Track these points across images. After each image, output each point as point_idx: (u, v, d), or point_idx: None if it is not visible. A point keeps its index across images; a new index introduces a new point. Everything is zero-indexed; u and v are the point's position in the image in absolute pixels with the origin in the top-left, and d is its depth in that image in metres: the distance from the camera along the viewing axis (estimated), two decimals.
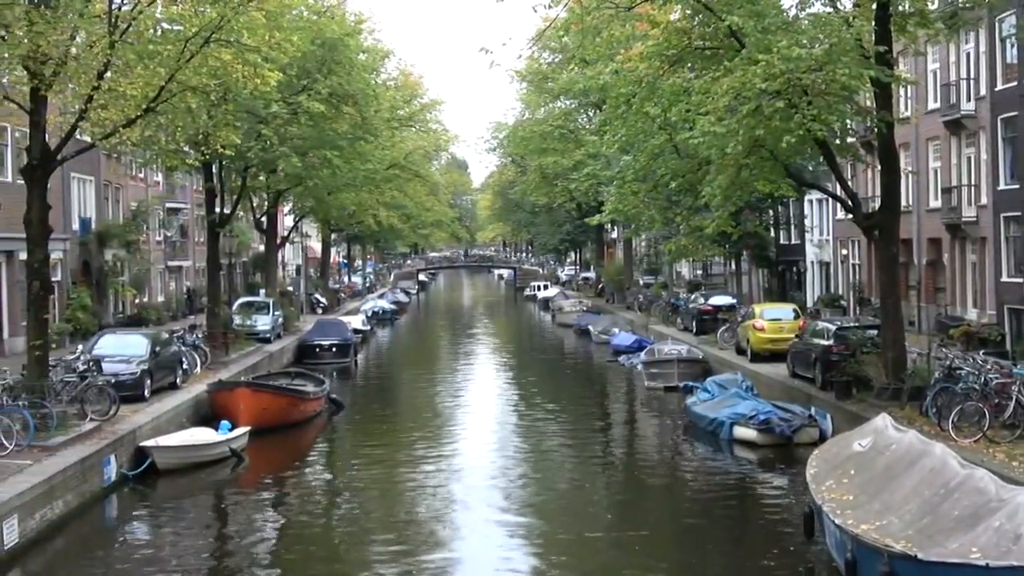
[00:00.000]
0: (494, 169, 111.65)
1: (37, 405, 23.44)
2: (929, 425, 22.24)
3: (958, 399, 22.49)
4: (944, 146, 41.43)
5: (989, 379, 23.22)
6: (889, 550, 14.32)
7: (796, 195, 41.48)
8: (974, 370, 24.04)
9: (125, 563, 20.13)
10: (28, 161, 25.07)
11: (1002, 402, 22.29)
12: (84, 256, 46.67)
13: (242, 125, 32.68)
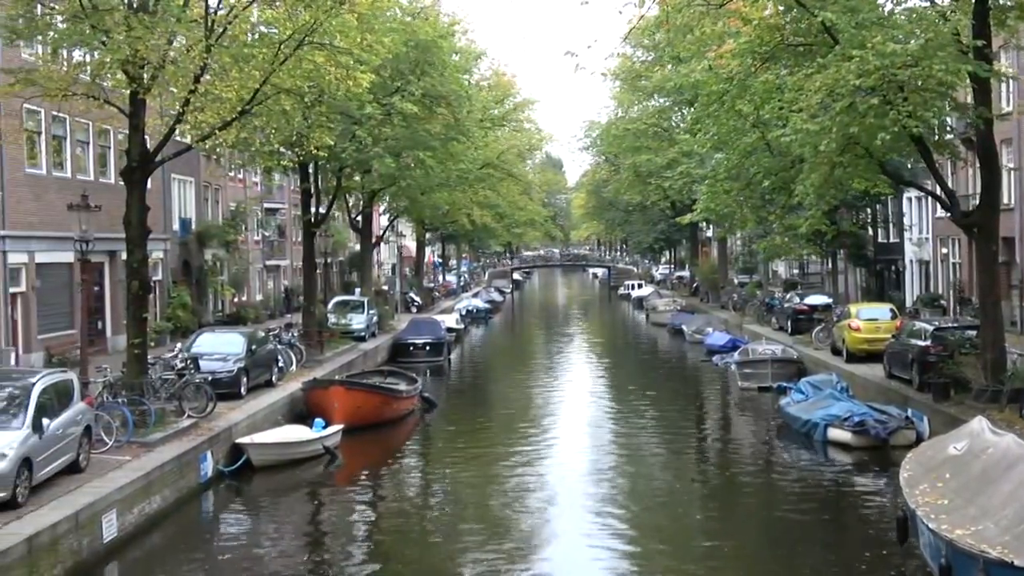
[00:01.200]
0: (588, 168, 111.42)
1: (136, 402, 23.86)
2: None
3: None
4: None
5: None
6: (985, 556, 13.94)
7: (893, 193, 40.76)
8: None
9: (221, 558, 20.40)
10: (127, 163, 25.57)
11: None
12: (184, 256, 47.41)
13: (336, 126, 32.93)
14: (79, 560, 17.67)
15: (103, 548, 18.60)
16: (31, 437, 18.24)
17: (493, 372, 53.18)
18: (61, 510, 17.72)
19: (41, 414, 18.84)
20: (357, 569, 20.00)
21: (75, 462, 20.07)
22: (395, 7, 38.89)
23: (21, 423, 18.33)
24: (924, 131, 25.75)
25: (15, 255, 33.33)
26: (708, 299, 71.92)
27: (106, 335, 39.29)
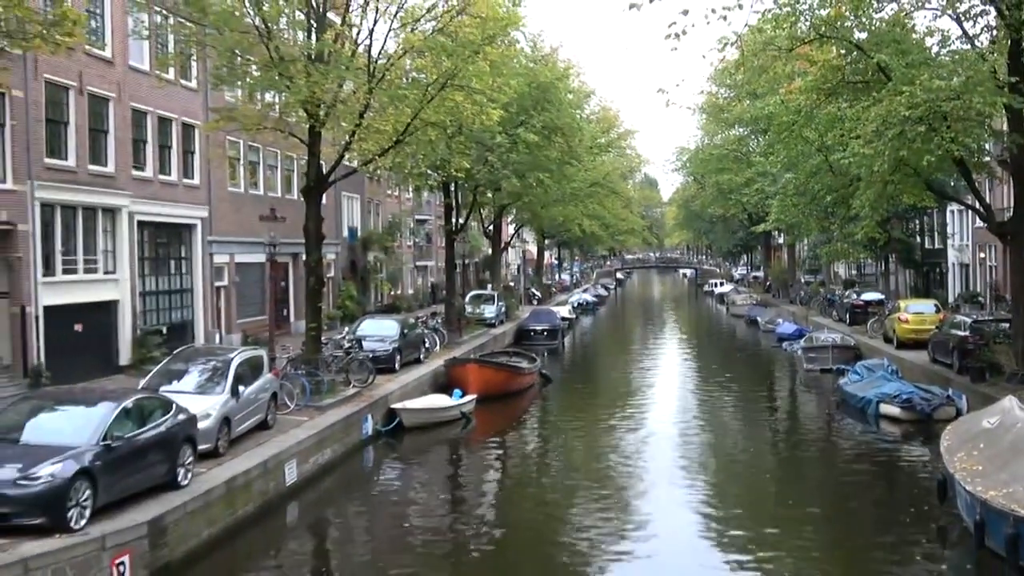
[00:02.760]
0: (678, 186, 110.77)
1: (312, 374, 24.33)
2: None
3: None
4: None
5: None
6: (1015, 514, 13.58)
7: (937, 206, 39.72)
8: None
9: (378, 500, 20.78)
10: (307, 183, 26.11)
11: None
12: (351, 257, 48.24)
13: (472, 153, 33.17)
14: (267, 499, 18.14)
15: (285, 490, 19.08)
16: (230, 401, 18.87)
17: (599, 354, 53.10)
18: (253, 459, 18.21)
19: (238, 382, 19.48)
20: (487, 510, 20.21)
21: (264, 421, 20.66)
22: (520, 56, 38.96)
23: (222, 389, 18.94)
24: (965, 154, 25.05)
25: (219, 256, 34.33)
26: (778, 295, 70.65)
27: (290, 320, 40.21)
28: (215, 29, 23.86)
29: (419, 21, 25.78)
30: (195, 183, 32.75)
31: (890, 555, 15.86)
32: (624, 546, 16.74)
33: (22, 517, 12.55)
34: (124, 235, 28.35)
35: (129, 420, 14.72)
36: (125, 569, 13.36)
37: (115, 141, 27.96)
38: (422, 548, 17.07)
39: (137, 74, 28.98)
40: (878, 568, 15.47)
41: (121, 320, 28.27)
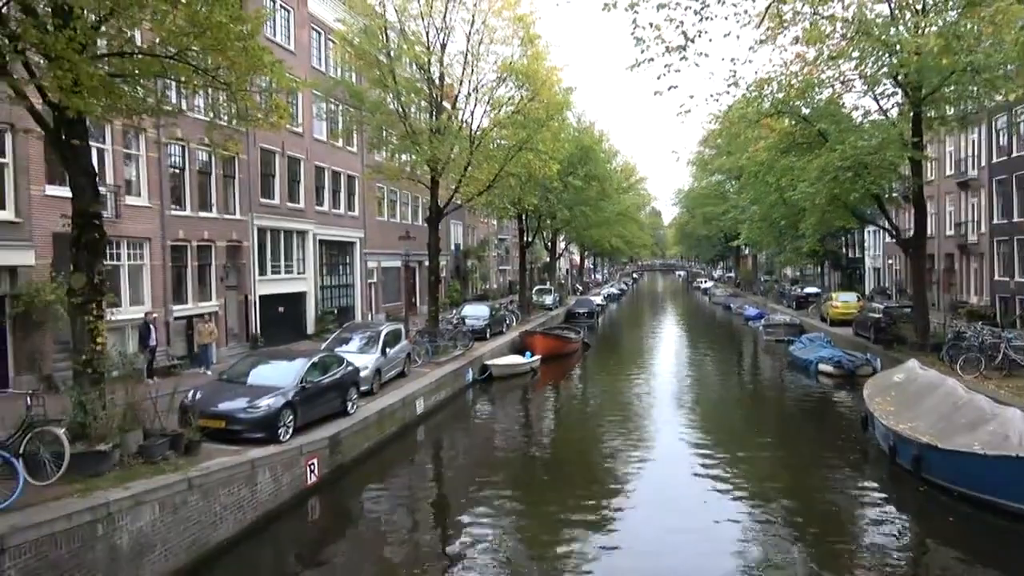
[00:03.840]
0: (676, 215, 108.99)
1: (433, 341, 24.55)
2: (943, 367, 20.00)
3: (963, 351, 20.20)
4: (956, 197, 37.09)
5: (984, 339, 20.78)
6: (918, 441, 13.19)
7: (858, 227, 38.42)
8: (975, 333, 21.59)
9: (474, 425, 20.78)
10: (429, 214, 26.29)
11: (993, 353, 19.91)
12: (456, 263, 48.44)
13: (537, 193, 33.10)
14: (404, 423, 18.32)
15: (416, 418, 19.24)
16: (380, 358, 19.06)
17: (622, 328, 52.46)
18: (395, 396, 18.37)
19: (386, 346, 19.66)
20: (546, 432, 20.14)
21: (402, 372, 20.82)
22: (570, 127, 38.72)
23: (376, 350, 19.13)
24: (880, 192, 24.27)
25: (370, 263, 34.77)
26: (745, 289, 69.09)
27: (416, 305, 40.43)
28: (369, 112, 24.21)
29: (503, 106, 25.85)
30: (355, 214, 33.23)
31: (827, 467, 15.48)
32: (639, 454, 16.62)
33: (249, 432, 12.84)
34: (310, 249, 28.88)
35: (316, 370, 14.94)
36: (315, 467, 13.63)
37: (304, 187, 28.50)
38: (502, 457, 17.12)
39: (318, 143, 29.51)
40: (820, 474, 15.08)
41: (308, 304, 28.82)
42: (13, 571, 7.82)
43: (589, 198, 40.86)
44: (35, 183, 16.75)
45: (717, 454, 16.64)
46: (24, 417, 9.92)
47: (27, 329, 16.41)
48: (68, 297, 10.84)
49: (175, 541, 10.14)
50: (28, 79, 9.77)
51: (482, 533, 11.91)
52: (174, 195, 21.55)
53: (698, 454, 16.54)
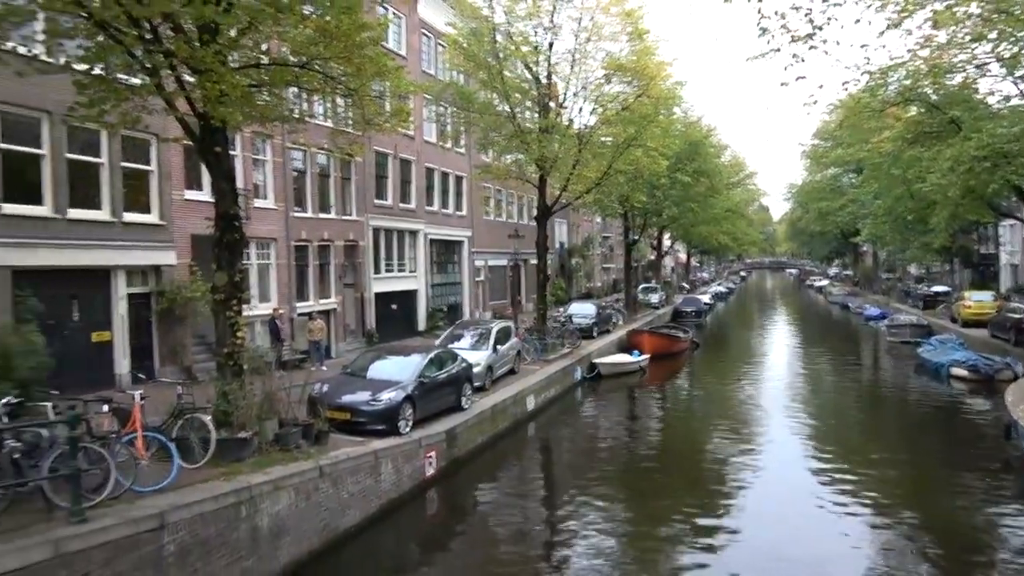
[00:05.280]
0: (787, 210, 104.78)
1: (541, 339, 24.59)
2: None
3: None
4: None
5: None
6: None
7: (994, 220, 35.65)
8: None
9: (583, 423, 20.82)
10: (537, 213, 26.40)
11: None
12: (561, 262, 48.40)
13: (645, 190, 32.62)
14: (516, 419, 18.53)
15: (527, 414, 19.41)
16: (492, 355, 19.31)
17: (731, 327, 50.99)
18: (507, 393, 18.58)
19: (497, 343, 19.91)
20: (652, 431, 19.91)
21: (512, 369, 20.98)
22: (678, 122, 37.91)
23: (487, 347, 19.41)
24: (1020, 182, 22.42)
25: (478, 261, 35.33)
26: (864, 288, 65.61)
27: (522, 303, 40.68)
28: (478, 113, 24.58)
29: (611, 103, 25.61)
30: (463, 214, 33.85)
31: (964, 479, 14.39)
32: (750, 460, 16.01)
33: (371, 424, 13.32)
34: (421, 248, 29.68)
35: (433, 365, 15.31)
36: (433, 460, 14.01)
37: (415, 188, 29.30)
38: (610, 456, 17.01)
39: (428, 145, 30.26)
40: (955, 488, 14.03)
41: (419, 302, 29.63)
42: (172, 545, 8.48)
43: (697, 194, 39.87)
44: (176, 188, 18.05)
45: (835, 463, 15.80)
46: (175, 405, 10.72)
47: (170, 324, 17.71)
48: (212, 294, 11.61)
49: (308, 525, 10.68)
50: (179, 92, 10.52)
51: (588, 534, 11.88)
52: (297, 198, 22.67)
53: (814, 463, 15.74)
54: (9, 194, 14.07)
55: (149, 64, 10.03)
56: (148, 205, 17.47)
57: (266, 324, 20.22)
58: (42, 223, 14.71)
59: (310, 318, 21.79)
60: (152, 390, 11.49)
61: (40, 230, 14.62)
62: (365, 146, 14.57)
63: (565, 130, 24.64)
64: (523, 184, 28.60)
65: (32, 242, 14.37)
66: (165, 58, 9.85)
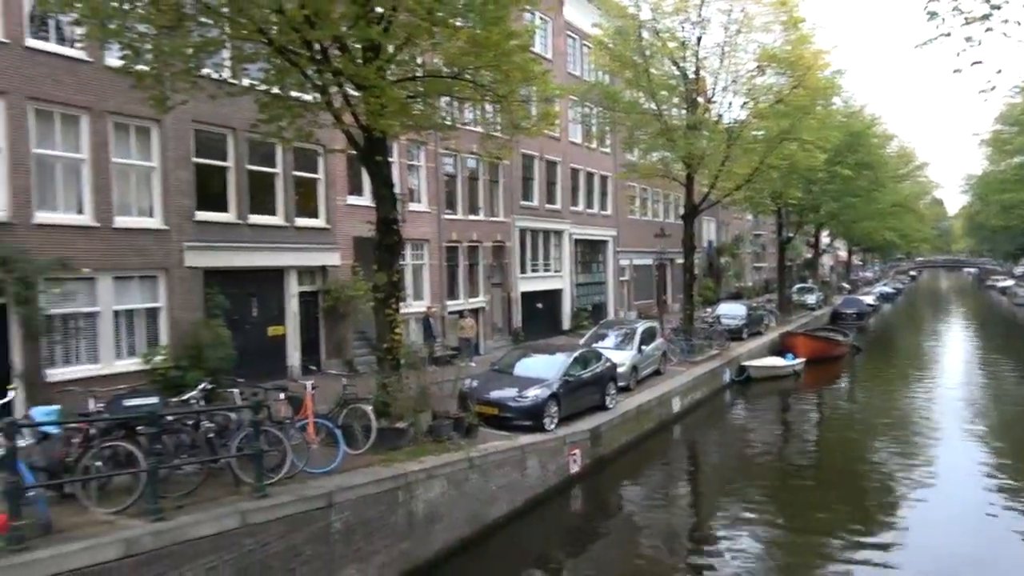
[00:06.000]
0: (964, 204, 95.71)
1: (688, 339, 24.18)
2: None
3: None
4: None
5: None
6: None
7: None
8: None
9: (731, 426, 20.30)
10: (684, 211, 25.95)
11: None
12: (710, 260, 47.15)
13: (800, 185, 31.04)
14: (661, 421, 18.39)
15: (672, 416, 19.20)
16: (637, 355, 19.22)
17: (898, 331, 47.38)
18: (651, 394, 18.46)
19: (642, 343, 19.80)
20: (806, 439, 19.10)
21: (657, 370, 20.76)
22: (837, 113, 35.79)
23: (632, 347, 19.35)
24: None
25: (623, 261, 35.18)
26: None
27: (667, 303, 39.87)
28: (623, 112, 24.48)
29: (762, 96, 24.65)
30: (608, 213, 33.84)
31: None
32: (916, 477, 14.90)
33: (518, 420, 13.72)
34: (566, 248, 30.01)
35: (578, 364, 15.51)
36: (577, 457, 14.23)
37: (560, 188, 29.67)
38: (759, 463, 16.48)
39: (573, 145, 30.54)
40: None
41: (564, 301, 29.97)
42: (338, 523, 9.26)
43: (859, 188, 37.44)
44: (339, 194, 19.45)
45: (1013, 485, 14.38)
46: (341, 395, 11.63)
47: (334, 320, 19.12)
48: (372, 293, 12.47)
49: (459, 514, 11.24)
50: (345, 106, 11.42)
51: (735, 543, 11.62)
52: (448, 200, 23.68)
53: (993, 486, 14.37)
54: (201, 203, 15.81)
55: (319, 82, 10.97)
56: (316, 210, 18.94)
57: (420, 321, 21.31)
58: (227, 228, 16.39)
59: (460, 316, 22.69)
60: (319, 381, 12.50)
61: (225, 234, 16.30)
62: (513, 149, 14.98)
63: (714, 126, 24.08)
64: (669, 182, 28.16)
65: (219, 245, 16.04)
66: (334, 76, 10.73)
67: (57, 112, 13.40)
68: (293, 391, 11.46)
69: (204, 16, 10.54)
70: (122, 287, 14.41)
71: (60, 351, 13.40)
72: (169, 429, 8.84)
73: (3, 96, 12.53)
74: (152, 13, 10.17)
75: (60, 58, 13.30)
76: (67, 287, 13.21)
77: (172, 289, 15.12)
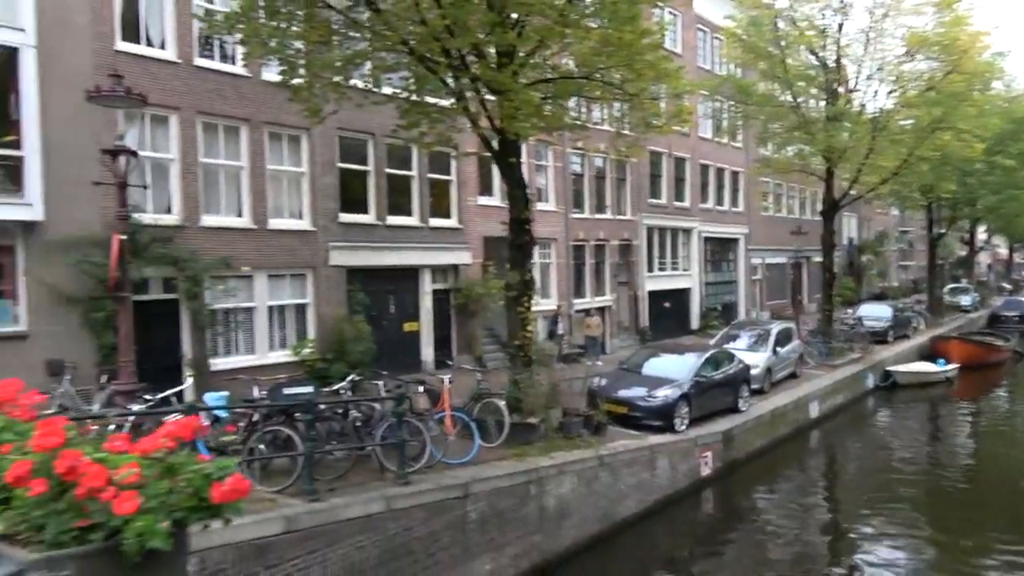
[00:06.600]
0: None
1: (826, 342, 23.15)
2: None
3: None
4: None
5: None
6: None
7: None
8: None
9: (873, 435, 19.29)
10: (823, 208, 24.81)
11: None
12: (850, 259, 44.62)
13: (955, 178, 28.84)
14: (796, 426, 17.76)
15: (810, 421, 18.52)
16: (771, 357, 18.63)
17: None
18: (787, 397, 17.89)
19: (777, 344, 19.14)
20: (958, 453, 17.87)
21: (793, 373, 20.04)
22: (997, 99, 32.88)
23: (766, 349, 18.75)
24: None
25: (755, 259, 34.03)
26: None
27: (802, 303, 38.33)
28: (757, 106, 23.72)
29: (911, 83, 23.16)
30: (739, 210, 32.84)
31: None
32: None
33: (647, 419, 13.67)
34: (694, 246, 29.43)
35: (709, 365, 15.25)
36: (708, 460, 14.01)
37: (689, 185, 29.13)
38: (905, 476, 15.48)
39: (703, 141, 29.87)
40: None
41: (692, 300, 29.41)
42: (474, 513, 9.65)
43: (1023, 180, 34.24)
44: (470, 195, 20.07)
45: None
46: (475, 389, 12.07)
47: (464, 317, 19.77)
48: (505, 291, 12.84)
49: (588, 511, 11.38)
50: (481, 111, 11.83)
51: (876, 561, 11.02)
52: (575, 199, 23.84)
53: None
54: (344, 205, 16.82)
55: (457, 88, 11.44)
56: (448, 211, 19.65)
57: (547, 320, 21.61)
58: (367, 229, 17.33)
59: (587, 315, 22.81)
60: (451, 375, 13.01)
61: (366, 235, 17.25)
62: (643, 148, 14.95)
63: (856, 117, 22.94)
64: (806, 177, 27.01)
65: (360, 245, 17.01)
66: (471, 82, 11.16)
67: (221, 124, 14.69)
68: (430, 384, 12.00)
69: (352, 31, 11.26)
70: (275, 284, 15.60)
71: (222, 342, 14.69)
72: (322, 417, 9.52)
73: (176, 111, 13.89)
74: (306, 30, 10.99)
75: (223, 75, 14.58)
76: (229, 284, 14.46)
77: (318, 286, 16.19)
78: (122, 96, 8.26)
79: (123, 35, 13.24)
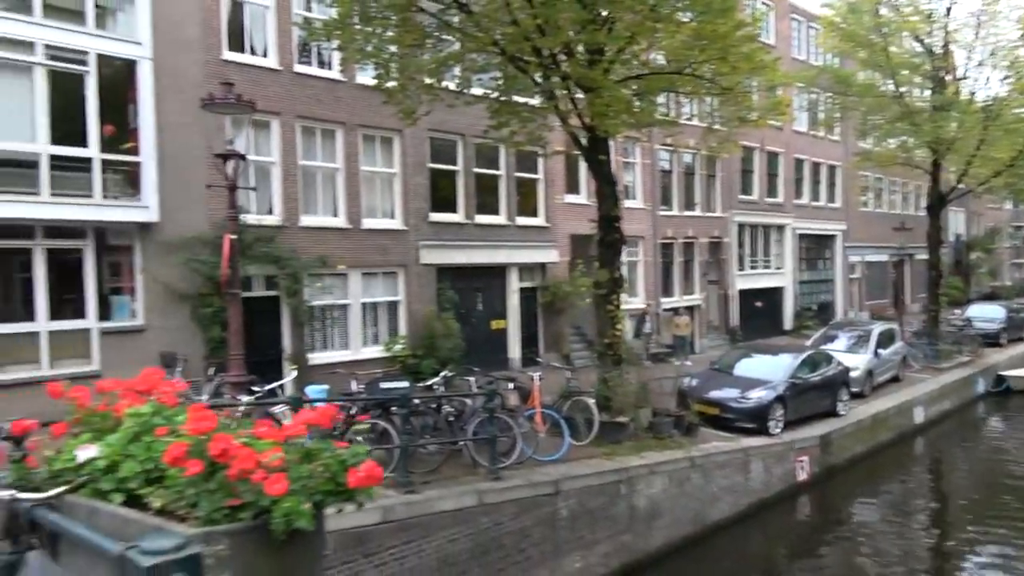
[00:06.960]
0: None
1: (932, 344, 22.01)
2: None
3: None
4: None
5: None
6: None
7: None
8: None
9: (983, 444, 18.27)
10: (929, 202, 23.62)
11: None
12: (957, 256, 42.17)
13: None
14: (900, 432, 17.00)
15: (914, 427, 17.69)
16: (872, 359, 17.94)
17: None
18: (889, 401, 17.19)
19: (878, 346, 18.41)
20: None
21: (895, 376, 19.23)
22: None
23: (867, 351, 18.05)
24: None
25: (853, 257, 32.64)
26: None
27: (904, 303, 36.56)
28: (856, 96, 22.77)
29: None
30: (836, 206, 31.58)
31: None
32: None
33: (740, 421, 13.39)
34: (788, 243, 28.52)
35: (806, 367, 14.81)
36: (805, 464, 13.59)
37: (783, 181, 28.25)
38: (1014, 488, 14.50)
39: (797, 135, 28.89)
40: None
41: (785, 299, 28.53)
42: (564, 510, 9.71)
43: None
44: (557, 193, 20.10)
45: None
46: (564, 387, 12.12)
47: (551, 315, 19.83)
48: (594, 289, 12.83)
49: (680, 512, 11.25)
50: (571, 109, 11.87)
51: None
52: (663, 196, 23.52)
53: None
54: (434, 205, 17.18)
55: (547, 87, 11.51)
56: (535, 209, 19.76)
57: (635, 318, 21.42)
58: (456, 228, 17.64)
59: (675, 314, 22.48)
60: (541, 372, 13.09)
61: (454, 234, 17.56)
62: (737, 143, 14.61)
63: (966, 106, 21.73)
64: (909, 171, 25.71)
65: (449, 244, 17.33)
66: (561, 80, 11.20)
67: (318, 128, 15.28)
68: (520, 382, 12.13)
69: (444, 33, 11.50)
70: (368, 282, 16.10)
71: (318, 338, 15.28)
72: (417, 411, 9.79)
73: (277, 116, 14.53)
74: (400, 34, 11.30)
75: (321, 80, 15.15)
76: (326, 282, 15.02)
77: (409, 284, 16.60)
78: (233, 103, 8.71)
79: (229, 45, 13.95)
